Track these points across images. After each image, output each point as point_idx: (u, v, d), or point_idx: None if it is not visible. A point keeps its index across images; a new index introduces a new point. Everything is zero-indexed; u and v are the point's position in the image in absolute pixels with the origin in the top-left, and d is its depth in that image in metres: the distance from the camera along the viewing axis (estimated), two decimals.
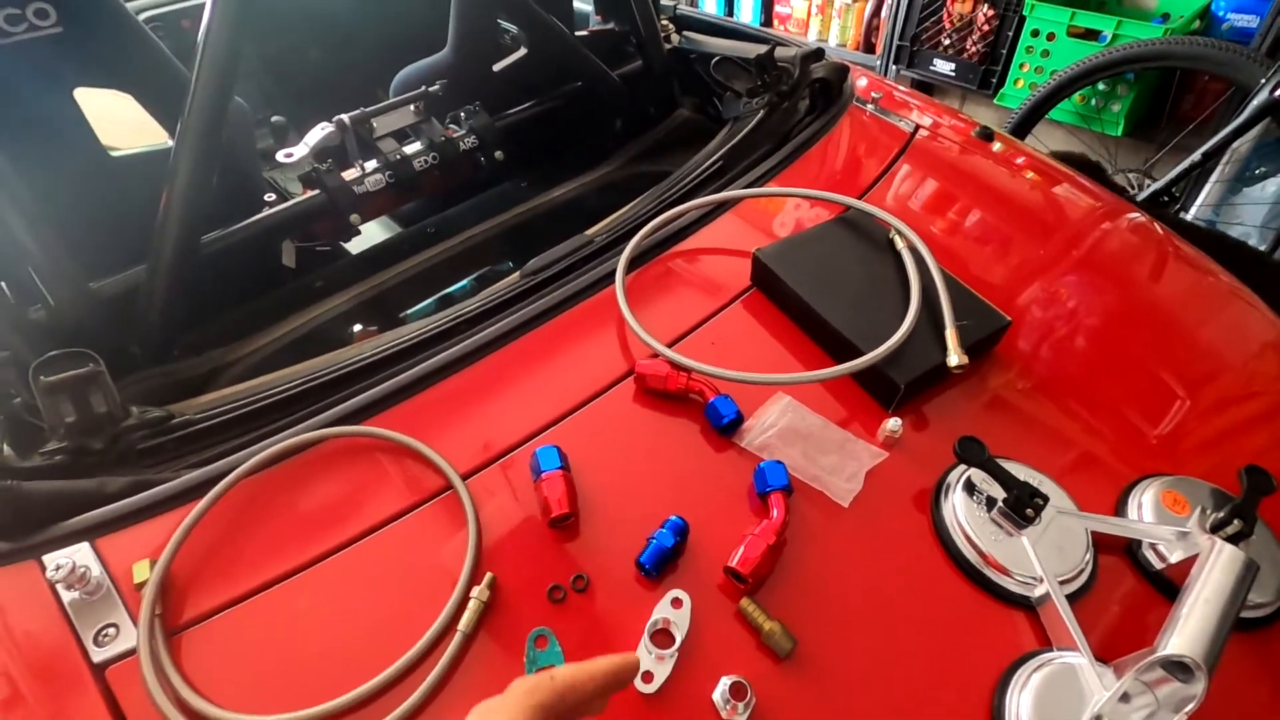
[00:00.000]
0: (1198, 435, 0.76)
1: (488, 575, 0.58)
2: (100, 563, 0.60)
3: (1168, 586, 0.61)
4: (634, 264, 0.88)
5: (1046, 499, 0.61)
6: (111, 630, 0.56)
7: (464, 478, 0.65)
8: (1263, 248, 2.06)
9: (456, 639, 0.55)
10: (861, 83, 1.30)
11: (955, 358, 0.71)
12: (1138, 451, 0.73)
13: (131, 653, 0.54)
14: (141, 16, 1.32)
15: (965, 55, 2.79)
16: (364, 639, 0.56)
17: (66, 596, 0.57)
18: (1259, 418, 0.80)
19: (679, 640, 0.55)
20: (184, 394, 0.87)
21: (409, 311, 1.25)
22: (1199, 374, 0.83)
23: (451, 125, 1.26)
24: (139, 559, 0.59)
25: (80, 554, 0.60)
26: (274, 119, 1.77)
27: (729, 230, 0.96)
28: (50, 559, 0.59)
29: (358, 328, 1.21)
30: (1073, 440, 0.73)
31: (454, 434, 0.70)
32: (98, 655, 0.54)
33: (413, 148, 1.19)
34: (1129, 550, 0.64)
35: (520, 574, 0.60)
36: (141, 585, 0.57)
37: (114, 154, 1.10)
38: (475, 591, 0.57)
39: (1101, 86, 2.44)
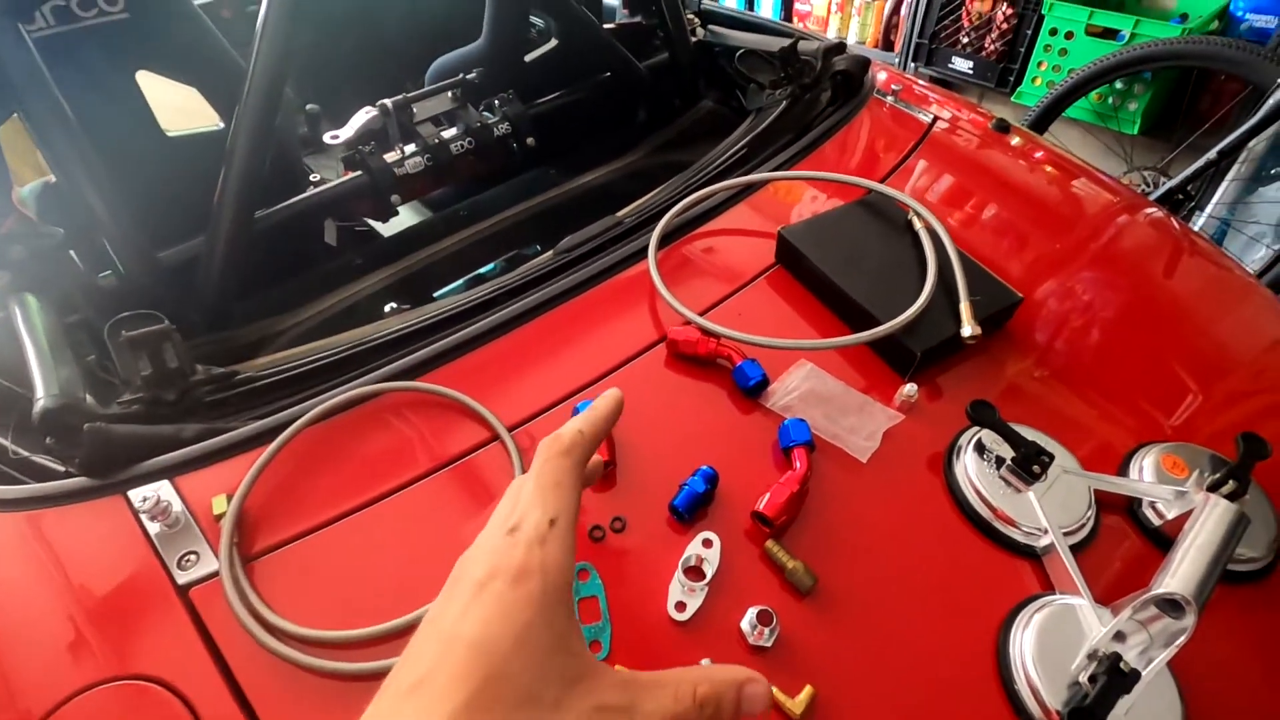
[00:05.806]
0: (1200, 411, 0.80)
1: None
2: (180, 498, 0.65)
3: (1165, 541, 0.65)
4: (663, 242, 0.93)
5: (1052, 457, 0.65)
6: (192, 557, 0.61)
7: (509, 430, 0.70)
8: (1277, 247, 2.08)
9: None
10: (881, 76, 1.35)
11: (969, 328, 0.75)
12: (1141, 423, 0.77)
13: (212, 575, 0.60)
14: None
15: (984, 53, 2.82)
16: (420, 569, 0.61)
17: (151, 528, 0.63)
18: (1267, 407, 0.83)
19: (709, 575, 0.60)
20: (238, 360, 0.93)
21: (441, 291, 1.31)
22: (1205, 356, 0.86)
23: (486, 112, 1.31)
24: (214, 496, 0.65)
25: (162, 490, 0.65)
26: (308, 107, 1.83)
27: (753, 213, 1.01)
28: (136, 494, 0.65)
29: (391, 306, 1.27)
30: (1080, 411, 0.78)
31: (497, 392, 0.75)
32: (181, 578, 0.60)
33: (450, 133, 1.24)
34: (1130, 510, 0.68)
35: None
36: (220, 517, 0.63)
37: (168, 134, 1.17)
38: None
39: (1119, 85, 2.47)
